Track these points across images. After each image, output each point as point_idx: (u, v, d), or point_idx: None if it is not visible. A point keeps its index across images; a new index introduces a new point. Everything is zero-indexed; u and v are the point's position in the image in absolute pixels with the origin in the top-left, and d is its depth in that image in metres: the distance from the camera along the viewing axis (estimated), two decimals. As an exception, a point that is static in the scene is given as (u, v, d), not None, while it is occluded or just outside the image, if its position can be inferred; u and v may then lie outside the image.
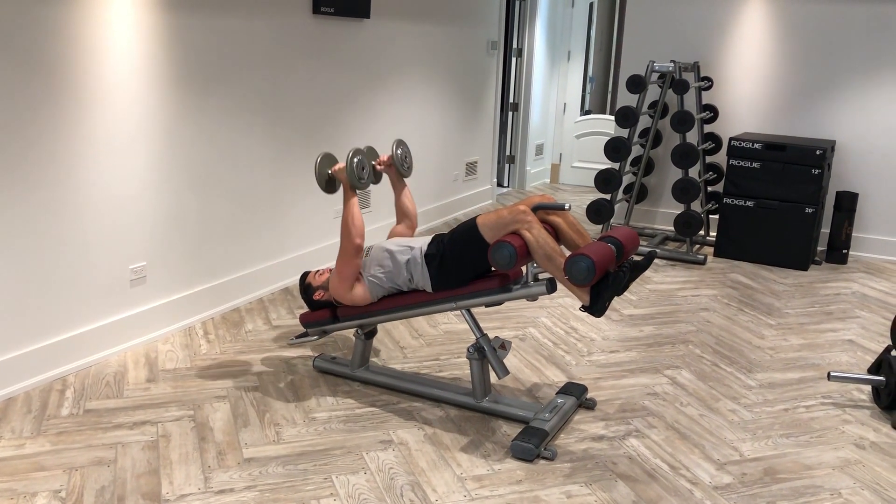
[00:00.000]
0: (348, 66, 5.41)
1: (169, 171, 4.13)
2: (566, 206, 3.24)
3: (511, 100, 8.49)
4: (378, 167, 3.78)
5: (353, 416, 3.45)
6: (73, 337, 3.74)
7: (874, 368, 3.83)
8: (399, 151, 3.79)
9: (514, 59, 8.39)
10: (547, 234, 3.14)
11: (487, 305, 3.45)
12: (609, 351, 4.30)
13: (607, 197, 6.40)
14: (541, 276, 3.34)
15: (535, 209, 3.27)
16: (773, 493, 2.96)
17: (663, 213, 7.05)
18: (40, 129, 3.44)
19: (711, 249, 6.51)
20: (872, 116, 6.21)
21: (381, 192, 6.04)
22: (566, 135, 9.16)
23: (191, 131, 4.22)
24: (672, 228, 6.83)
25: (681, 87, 5.90)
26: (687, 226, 5.95)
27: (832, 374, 3.77)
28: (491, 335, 4.37)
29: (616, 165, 6.58)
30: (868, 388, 3.93)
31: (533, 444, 3.11)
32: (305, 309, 4.69)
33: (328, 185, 3.61)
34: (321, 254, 5.42)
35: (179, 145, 4.17)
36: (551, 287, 3.27)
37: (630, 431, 3.40)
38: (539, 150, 8.99)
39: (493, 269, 3.40)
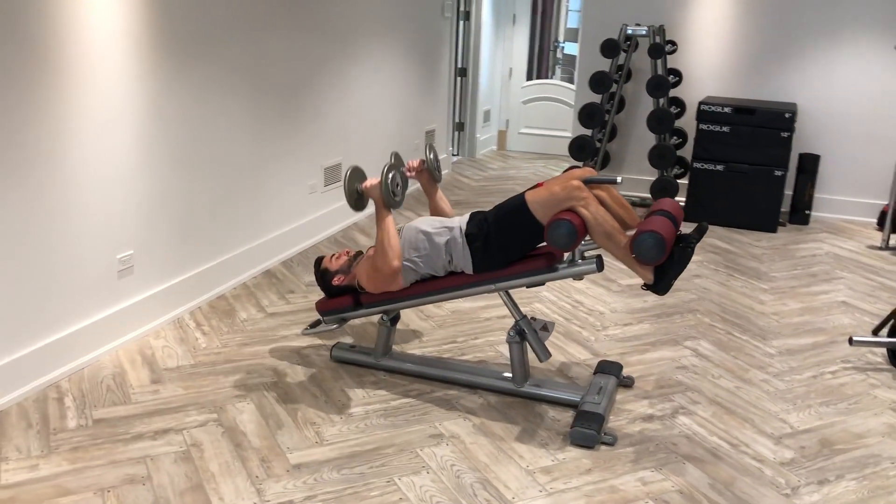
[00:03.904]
0: (317, 33, 5.07)
1: (151, 150, 3.75)
2: (618, 180, 3.08)
3: (459, 65, 8.26)
4: (408, 174, 3.52)
5: (390, 409, 3.23)
6: (62, 338, 3.35)
7: (890, 331, 3.88)
8: (432, 156, 3.59)
9: (461, 23, 8.14)
10: (605, 210, 2.98)
11: (529, 286, 3.28)
12: (623, 324, 4.21)
13: (580, 164, 6.30)
14: (587, 254, 3.19)
15: (585, 183, 3.10)
16: (838, 466, 2.94)
17: (626, 180, 7.01)
18: (14, 109, 3.02)
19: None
20: (832, 79, 6.32)
21: (356, 162, 5.75)
22: (513, 101, 9.01)
23: (172, 106, 3.84)
24: (638, 194, 6.81)
25: (656, 52, 5.82)
26: (663, 191, 5.92)
27: (854, 338, 3.80)
28: (501, 313, 4.23)
29: (588, 132, 6.48)
30: (881, 350, 3.98)
31: (594, 430, 2.98)
32: (294, 293, 4.44)
33: (357, 202, 3.30)
34: (299, 232, 5.12)
35: (161, 122, 3.78)
36: (600, 265, 3.12)
37: (676, 409, 3.33)
38: (486, 116, 8.82)
39: (535, 248, 3.22)
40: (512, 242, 3.12)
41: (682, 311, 4.42)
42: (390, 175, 3.18)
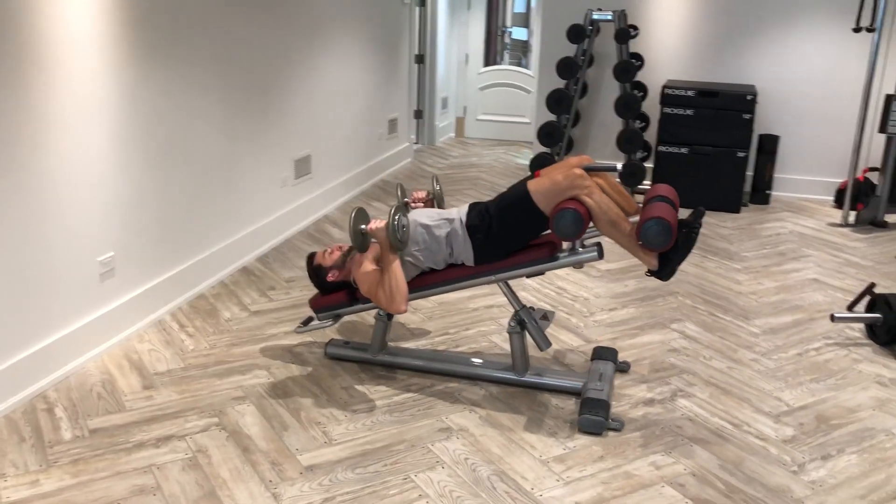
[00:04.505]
0: (282, 25, 4.96)
1: (127, 148, 3.61)
2: (617, 167, 3.09)
3: (416, 51, 8.17)
4: (413, 205, 3.52)
5: (394, 404, 3.20)
6: (47, 346, 3.22)
7: (868, 306, 3.99)
8: (438, 187, 3.58)
9: (417, 9, 8.06)
10: (608, 198, 2.99)
11: (529, 276, 3.28)
12: (608, 309, 4.25)
13: (548, 150, 6.32)
14: (587, 242, 3.20)
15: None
16: (837, 441, 3.02)
17: (590, 164, 7.06)
18: None
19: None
20: (788, 61, 6.46)
21: (324, 154, 5.67)
22: (469, 87, 8.98)
23: (145, 104, 3.71)
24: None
25: (622, 36, 5.86)
26: (632, 175, 5.98)
27: (835, 315, 3.91)
28: (488, 303, 4.22)
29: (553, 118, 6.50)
30: (859, 325, 4.10)
31: (602, 417, 3.00)
32: (275, 290, 4.37)
33: (363, 243, 3.19)
34: (273, 226, 5.02)
35: (136, 120, 3.65)
36: (601, 252, 3.13)
37: (675, 392, 3.37)
38: (444, 103, 8.77)
39: (536, 238, 3.22)
40: (515, 233, 3.11)
41: (663, 293, 4.48)
42: (397, 217, 3.09)
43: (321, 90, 5.54)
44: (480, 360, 3.45)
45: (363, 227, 3.14)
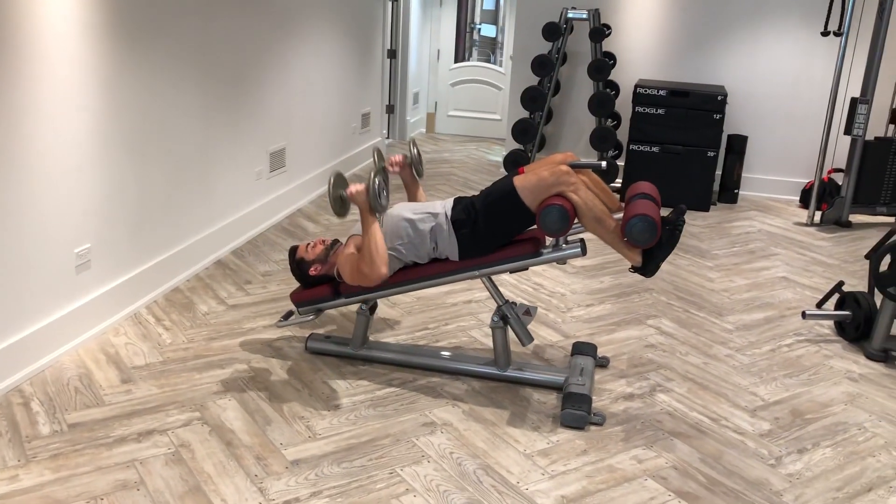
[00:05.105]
0: (259, 17, 4.91)
1: (104, 139, 3.55)
2: (603, 165, 3.12)
3: (389, 46, 8.15)
4: (391, 169, 3.47)
5: (377, 399, 3.20)
6: (22, 340, 3.15)
7: (837, 304, 4.09)
8: (415, 151, 3.54)
9: (390, 4, 8.03)
10: (593, 195, 3.01)
11: (512, 272, 3.30)
12: (585, 305, 4.29)
13: (521, 147, 6.34)
14: (570, 239, 3.22)
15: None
16: (812, 435, 3.09)
17: (562, 161, 7.11)
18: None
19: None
20: (758, 63, 6.57)
21: (299, 147, 5.63)
22: (441, 83, 8.98)
23: (122, 95, 3.64)
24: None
25: (597, 35, 5.91)
26: (605, 173, 6.03)
27: (807, 312, 3.99)
28: (466, 298, 4.24)
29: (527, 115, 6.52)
30: (828, 322, 4.20)
31: (584, 411, 3.03)
32: (251, 284, 4.33)
33: (341, 208, 3.19)
34: (247, 220, 4.97)
35: (113, 111, 3.59)
36: (584, 249, 3.16)
37: (653, 387, 3.42)
38: (415, 98, 8.76)
39: (521, 234, 3.23)
40: (501, 228, 3.12)
41: (639, 290, 4.54)
42: (377, 180, 3.08)
43: (296, 83, 5.50)
44: (462, 355, 3.47)
45: (342, 191, 3.12)
